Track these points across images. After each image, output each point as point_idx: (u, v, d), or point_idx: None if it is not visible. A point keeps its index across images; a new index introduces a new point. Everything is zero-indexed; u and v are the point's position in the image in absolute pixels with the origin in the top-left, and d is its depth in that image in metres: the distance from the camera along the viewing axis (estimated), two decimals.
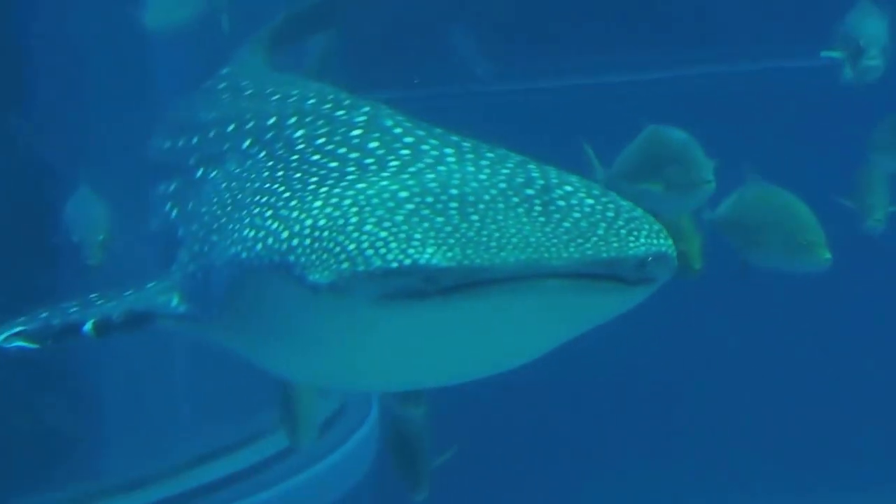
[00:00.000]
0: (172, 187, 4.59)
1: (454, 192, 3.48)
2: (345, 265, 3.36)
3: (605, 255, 3.33)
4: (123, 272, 4.93)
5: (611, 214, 3.45)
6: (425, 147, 3.79)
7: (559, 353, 3.81)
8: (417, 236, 3.33)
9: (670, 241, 3.49)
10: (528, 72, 9.85)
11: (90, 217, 5.21)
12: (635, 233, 3.42)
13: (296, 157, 3.91)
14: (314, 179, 3.72)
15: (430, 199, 3.44)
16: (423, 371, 3.83)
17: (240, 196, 3.94)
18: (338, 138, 3.92)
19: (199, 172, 4.41)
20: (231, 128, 4.42)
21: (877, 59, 6.87)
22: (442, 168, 3.63)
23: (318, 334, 3.65)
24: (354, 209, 3.47)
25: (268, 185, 3.84)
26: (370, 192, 3.53)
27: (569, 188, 3.53)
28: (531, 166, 3.63)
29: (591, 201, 3.49)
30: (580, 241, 3.34)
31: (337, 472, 6.91)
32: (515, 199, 3.45)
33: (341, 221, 3.45)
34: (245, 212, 3.81)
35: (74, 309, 4.14)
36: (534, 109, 9.57)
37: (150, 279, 4.22)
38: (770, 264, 6.32)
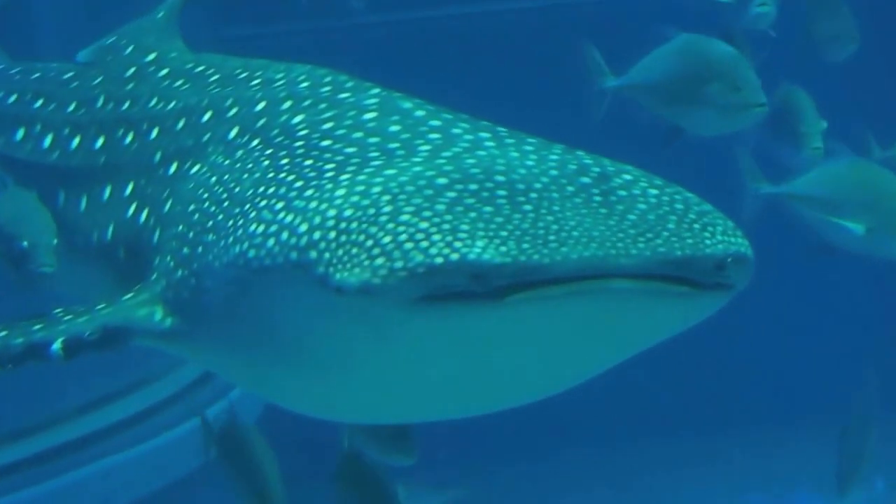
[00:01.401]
0: (129, 189, 3.98)
1: (500, 178, 3.04)
2: (378, 261, 2.93)
3: (678, 252, 2.93)
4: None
5: (679, 207, 3.05)
6: (456, 131, 3.34)
7: None
8: (464, 227, 2.91)
9: (748, 242, 3.10)
10: (402, 2, 9.73)
11: (37, 219, 4.38)
12: (710, 228, 3.02)
13: (300, 143, 3.43)
14: (331, 167, 3.26)
15: (473, 187, 3.02)
16: (461, 394, 3.28)
17: (237, 190, 3.44)
18: (348, 122, 3.45)
19: (172, 169, 3.84)
20: (207, 117, 3.86)
21: (768, 5, 6.78)
22: (482, 153, 3.18)
23: (341, 347, 3.15)
24: (386, 197, 3.03)
25: (271, 176, 3.36)
26: (402, 178, 3.09)
27: (627, 177, 3.12)
28: (580, 153, 3.24)
29: (654, 191, 3.08)
30: (649, 235, 2.95)
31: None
32: (571, 189, 3.03)
33: (372, 211, 3.02)
34: (247, 206, 3.33)
35: (38, 326, 3.59)
36: (409, 40, 9.49)
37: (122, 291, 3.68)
38: (864, 249, 5.77)
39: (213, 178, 3.59)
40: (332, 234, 3.03)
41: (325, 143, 3.38)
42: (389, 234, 2.95)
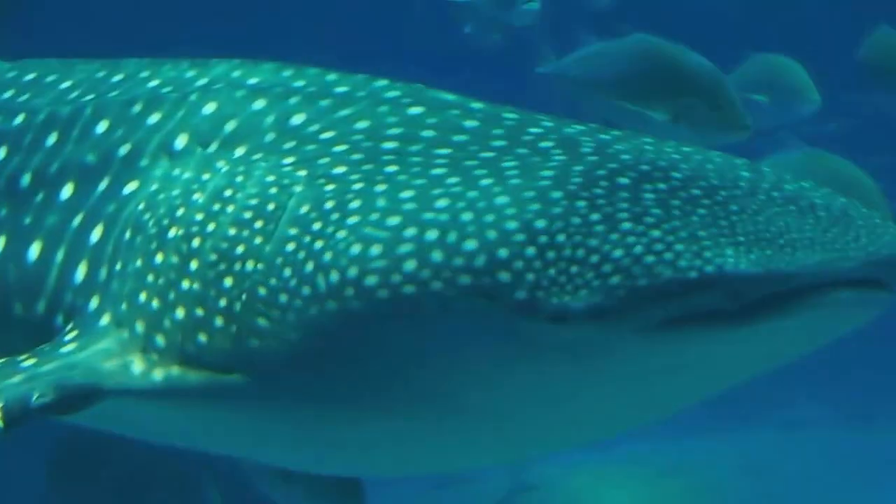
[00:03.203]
0: None
1: (679, 175, 2.59)
2: (614, 280, 2.42)
3: (884, 251, 2.58)
4: None
5: (843, 201, 2.70)
6: (548, 124, 2.83)
7: None
8: (702, 234, 2.46)
9: None
10: None
11: None
12: (883, 224, 2.67)
13: (344, 147, 2.85)
14: (441, 172, 2.69)
15: (663, 186, 2.56)
16: (624, 420, 2.83)
17: (269, 207, 2.80)
18: (393, 119, 2.89)
19: (67, 191, 3.21)
20: (103, 128, 3.25)
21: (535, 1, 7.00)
22: (619, 147, 2.69)
23: (526, 389, 2.59)
24: (581, 203, 2.52)
25: (333, 187, 2.75)
26: (576, 179, 2.57)
27: (768, 171, 2.74)
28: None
29: (807, 185, 2.74)
30: (852, 234, 2.59)
31: None
32: (745, 185, 2.62)
33: (577, 220, 2.49)
34: (316, 224, 2.70)
35: None
36: None
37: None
38: None
39: (199, 197, 2.94)
40: (531, 251, 2.50)
41: (389, 144, 2.83)
42: (620, 247, 2.46)
